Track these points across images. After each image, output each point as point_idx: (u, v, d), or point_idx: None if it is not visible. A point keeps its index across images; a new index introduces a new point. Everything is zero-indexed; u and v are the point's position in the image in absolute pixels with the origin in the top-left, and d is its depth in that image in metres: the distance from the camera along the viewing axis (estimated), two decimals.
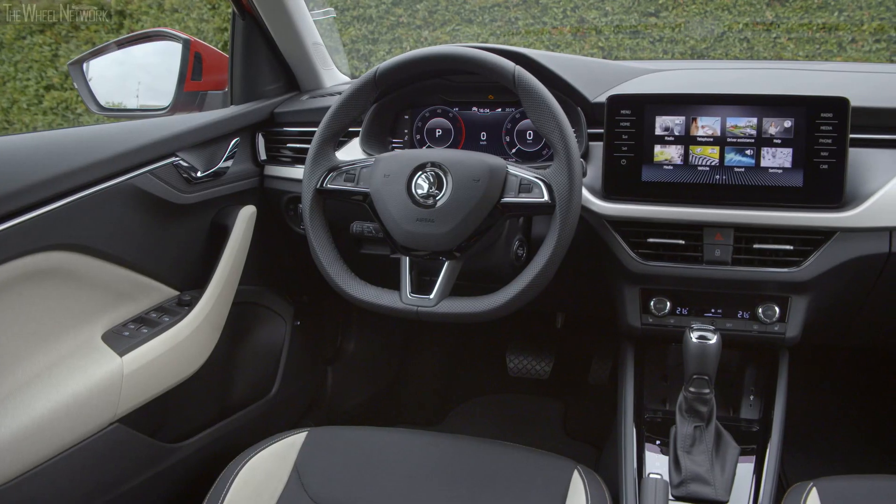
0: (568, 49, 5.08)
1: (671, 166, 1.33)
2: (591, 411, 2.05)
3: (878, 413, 2.01)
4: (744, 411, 1.39)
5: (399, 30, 5.24)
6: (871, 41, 4.49)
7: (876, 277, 1.33)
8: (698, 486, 1.21)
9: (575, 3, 4.98)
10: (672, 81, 1.50)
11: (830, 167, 1.27)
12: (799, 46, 4.57)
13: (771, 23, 4.67)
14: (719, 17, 4.74)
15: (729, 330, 1.36)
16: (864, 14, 4.42)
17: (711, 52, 4.61)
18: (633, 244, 1.36)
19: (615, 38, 5.04)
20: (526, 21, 5.17)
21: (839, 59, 4.47)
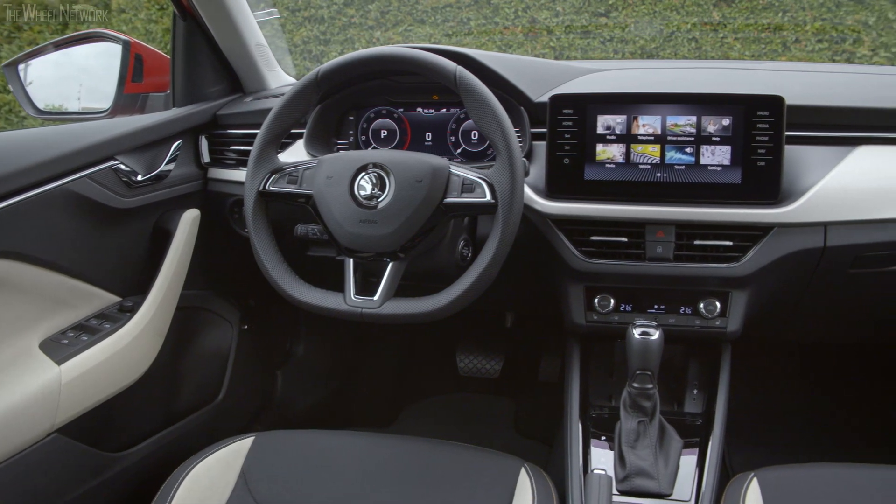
0: (520, 49, 5.10)
1: (613, 165, 1.35)
2: (542, 409, 2.06)
3: (820, 404, 2.06)
4: (688, 405, 1.42)
5: (351, 30, 5.22)
6: (813, 41, 4.58)
7: (812, 271, 1.36)
8: (642, 481, 1.22)
9: (526, 4, 5.00)
10: (614, 81, 1.52)
11: (767, 164, 1.30)
12: (745, 46, 4.65)
13: (718, 23, 4.74)
14: (668, 18, 4.79)
15: (672, 325, 1.38)
16: (807, 15, 4.50)
17: (661, 52, 4.66)
18: (576, 242, 1.37)
19: (566, 39, 5.06)
20: (478, 21, 5.18)
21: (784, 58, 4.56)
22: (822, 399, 2.08)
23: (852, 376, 2.11)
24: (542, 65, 1.55)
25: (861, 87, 1.51)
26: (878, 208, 1.31)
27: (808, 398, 2.09)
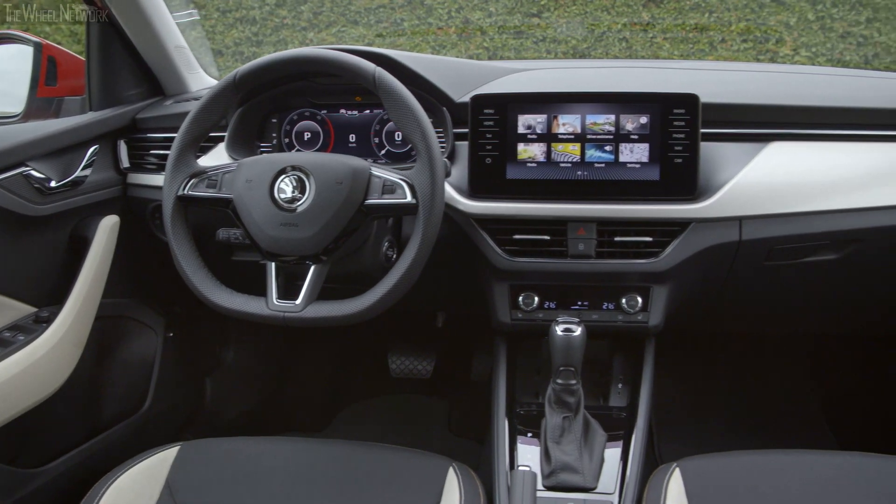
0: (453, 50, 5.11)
1: (535, 164, 1.36)
2: (474, 407, 2.07)
3: (746, 393, 2.12)
4: (612, 399, 1.44)
5: (284, 31, 5.16)
6: (738, 41, 4.70)
7: (730, 265, 1.40)
8: (568, 475, 1.24)
9: (459, 4, 5.01)
10: (536, 81, 1.53)
11: (684, 161, 1.33)
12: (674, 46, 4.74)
13: (647, 23, 4.82)
14: (598, 18, 4.86)
15: (595, 321, 1.40)
16: (732, 16, 4.61)
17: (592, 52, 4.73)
18: (499, 241, 1.38)
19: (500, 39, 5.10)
20: (411, 22, 5.17)
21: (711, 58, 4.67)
22: (747, 388, 2.14)
23: (775, 365, 2.17)
24: (465, 65, 1.55)
25: (774, 85, 1.56)
26: (789, 202, 1.36)
27: (734, 388, 2.14)
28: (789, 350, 2.16)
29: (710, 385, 2.15)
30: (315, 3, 5.00)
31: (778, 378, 2.16)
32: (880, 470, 1.20)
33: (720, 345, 2.16)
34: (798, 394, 2.12)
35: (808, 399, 2.10)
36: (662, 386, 2.05)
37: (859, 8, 4.45)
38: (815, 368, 2.16)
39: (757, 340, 2.10)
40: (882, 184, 1.38)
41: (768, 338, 2.07)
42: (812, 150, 1.40)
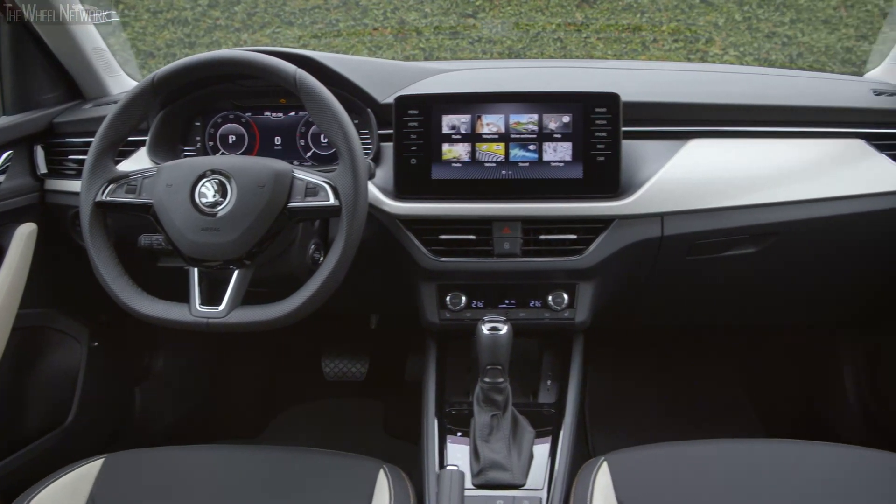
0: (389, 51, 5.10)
1: (459, 164, 1.37)
2: (409, 408, 2.07)
3: (678, 386, 2.16)
4: (542, 396, 1.45)
5: (217, 33, 5.07)
6: (670, 41, 4.78)
7: (653, 260, 1.42)
8: (496, 473, 1.24)
9: (395, 5, 5.00)
10: (461, 81, 1.54)
11: (607, 159, 1.35)
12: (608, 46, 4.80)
13: (581, 24, 4.87)
14: (533, 19, 4.90)
15: (522, 319, 1.41)
16: (663, 16, 4.70)
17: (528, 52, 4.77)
18: (425, 242, 1.38)
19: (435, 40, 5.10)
20: (347, 23, 5.14)
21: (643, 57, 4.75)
22: (679, 380, 2.19)
23: (705, 357, 2.22)
24: (389, 66, 1.55)
25: (694, 83, 1.59)
26: (709, 198, 1.39)
27: (666, 380, 2.19)
28: (718, 341, 2.21)
29: (642, 378, 2.19)
30: (249, 4, 4.93)
31: (708, 369, 2.21)
32: (802, 456, 1.23)
33: (652, 338, 2.20)
34: (728, 384, 2.18)
35: (736, 389, 2.16)
36: (596, 381, 2.08)
37: (783, 9, 4.58)
38: (742, 359, 2.21)
39: (687, 333, 2.15)
40: (796, 179, 1.42)
41: (697, 330, 2.11)
42: (730, 147, 1.43)
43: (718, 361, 2.22)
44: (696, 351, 2.23)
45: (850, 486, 1.16)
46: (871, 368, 1.84)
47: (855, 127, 1.45)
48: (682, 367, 2.21)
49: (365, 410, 2.12)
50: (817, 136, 1.45)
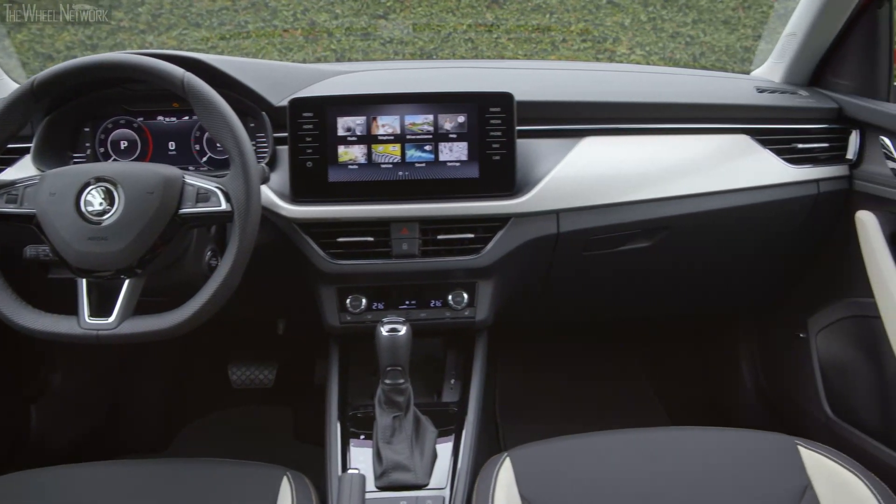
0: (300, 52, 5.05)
1: (356, 166, 1.36)
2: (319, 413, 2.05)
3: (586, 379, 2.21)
4: (446, 395, 1.46)
5: (121, 34, 4.92)
6: (578, 41, 4.87)
7: (550, 257, 1.45)
8: (399, 474, 1.24)
9: (305, 6, 4.95)
10: (357, 83, 1.53)
11: (502, 158, 1.36)
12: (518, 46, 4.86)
13: (492, 24, 4.91)
14: (444, 20, 4.91)
15: (423, 320, 1.42)
16: (572, 16, 4.78)
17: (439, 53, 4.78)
18: (323, 245, 1.37)
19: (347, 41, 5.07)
20: (256, 24, 5.06)
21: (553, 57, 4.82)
22: (587, 374, 2.23)
23: (610, 350, 2.27)
24: (283, 68, 1.53)
25: (587, 83, 1.63)
26: (602, 194, 1.42)
27: (575, 374, 2.23)
28: (622, 334, 2.26)
29: (553, 373, 2.23)
30: (153, 4, 4.80)
31: (615, 361, 2.26)
32: (698, 441, 1.27)
33: (561, 332, 2.23)
34: (633, 375, 2.23)
35: (642, 379, 2.22)
36: (507, 377, 2.11)
37: (686, 10, 4.72)
38: (645, 350, 2.27)
39: (594, 325, 2.19)
40: (686, 174, 1.47)
41: (602, 323, 2.16)
42: (623, 144, 1.47)
43: (624, 353, 2.28)
44: (604, 343, 2.28)
45: (742, 467, 1.21)
46: (765, 355, 1.91)
47: (739, 123, 1.51)
48: (591, 359, 2.26)
49: (275, 417, 2.09)
50: (705, 133, 1.50)
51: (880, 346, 1.42)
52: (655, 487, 1.18)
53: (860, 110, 1.52)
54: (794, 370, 1.75)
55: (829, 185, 1.54)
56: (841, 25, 1.54)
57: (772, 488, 1.18)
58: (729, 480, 1.19)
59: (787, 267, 1.70)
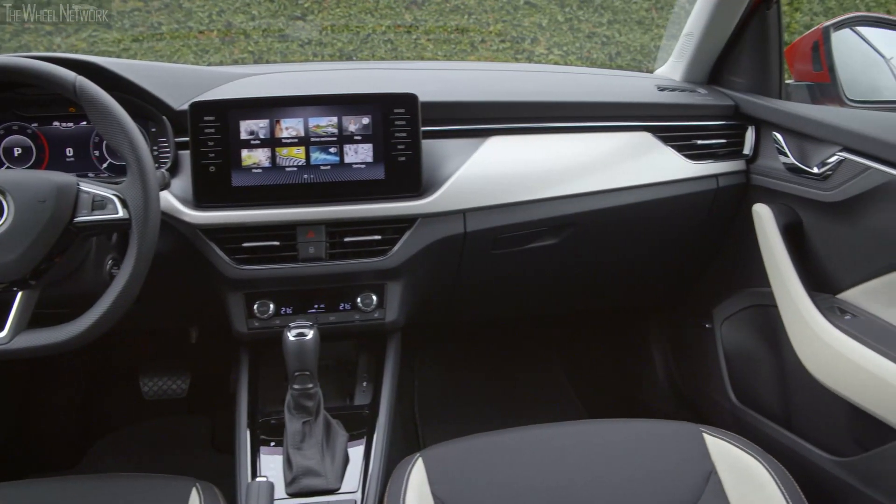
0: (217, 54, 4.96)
1: (260, 169, 1.34)
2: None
3: (504, 376, 2.23)
4: (358, 398, 1.45)
5: (26, 36, 4.74)
6: (497, 41, 4.92)
7: (459, 256, 1.46)
8: (310, 480, 1.23)
9: (221, 7, 4.86)
10: (261, 85, 1.51)
11: (407, 159, 1.37)
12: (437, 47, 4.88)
13: (411, 25, 4.91)
14: (363, 21, 4.90)
15: (332, 323, 1.41)
16: (490, 17, 4.82)
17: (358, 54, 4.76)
18: (228, 251, 1.35)
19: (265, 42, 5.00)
20: (170, 26, 4.95)
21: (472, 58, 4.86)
22: (505, 371, 2.25)
23: (527, 346, 2.30)
24: (184, 71, 1.50)
25: (493, 82, 1.65)
26: (509, 193, 1.44)
27: (493, 372, 2.25)
28: (538, 330, 2.30)
29: (472, 371, 2.24)
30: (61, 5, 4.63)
31: (533, 357, 2.29)
32: (607, 433, 1.30)
33: (479, 330, 2.25)
34: (551, 371, 2.27)
35: (558, 375, 2.25)
36: (426, 377, 2.11)
37: (601, 10, 4.82)
38: (562, 345, 2.31)
39: (510, 324, 2.22)
40: (590, 171, 1.50)
41: (519, 320, 2.19)
42: (528, 143, 1.49)
43: (542, 349, 2.31)
44: (522, 340, 2.30)
45: (649, 456, 1.24)
46: (675, 346, 1.97)
47: (641, 121, 1.55)
48: (510, 356, 2.28)
49: (190, 427, 2.05)
50: (608, 131, 1.54)
51: (778, 333, 1.47)
52: (565, 480, 1.20)
53: (754, 107, 1.57)
54: (702, 360, 1.80)
55: (727, 180, 1.59)
56: (734, 26, 1.60)
57: (678, 475, 1.21)
58: (637, 470, 1.22)
59: (691, 260, 1.75)
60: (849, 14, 1.62)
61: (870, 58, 1.69)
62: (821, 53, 1.57)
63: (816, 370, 1.34)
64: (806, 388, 1.43)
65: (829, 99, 1.59)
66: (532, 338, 2.31)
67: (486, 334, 2.25)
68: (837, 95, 1.58)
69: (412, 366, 2.16)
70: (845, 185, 1.34)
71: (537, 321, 2.23)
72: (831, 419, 1.38)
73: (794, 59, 1.65)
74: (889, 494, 1.23)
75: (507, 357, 2.28)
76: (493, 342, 2.27)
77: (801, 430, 1.48)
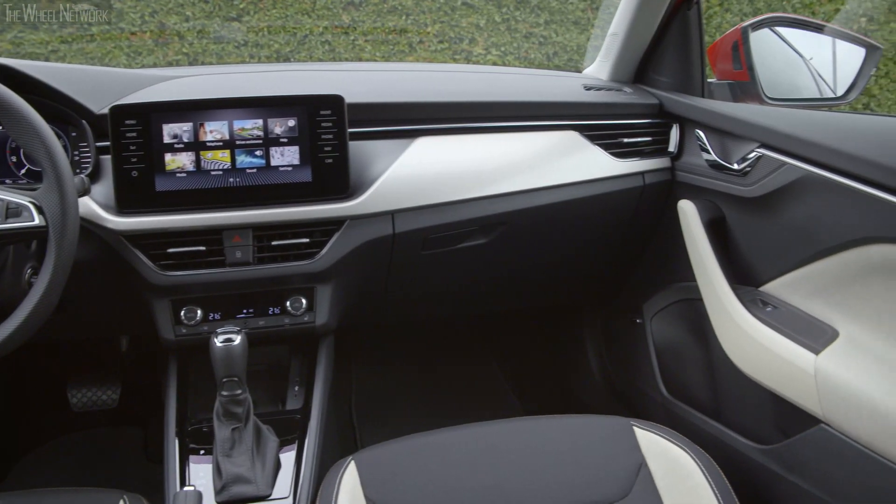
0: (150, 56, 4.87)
1: (184, 174, 1.32)
2: None
3: (442, 376, 2.24)
4: (290, 403, 1.44)
5: None
6: (435, 42, 4.92)
7: (389, 258, 1.46)
8: (240, 487, 1.21)
9: (153, 8, 4.77)
10: (185, 88, 1.49)
11: (335, 161, 1.36)
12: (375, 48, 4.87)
13: (348, 26, 4.88)
14: (300, 22, 4.86)
15: (262, 327, 1.39)
16: (428, 17, 4.82)
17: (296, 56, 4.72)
18: (153, 257, 1.33)
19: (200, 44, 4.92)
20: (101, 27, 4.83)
21: (411, 58, 4.86)
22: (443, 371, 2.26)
23: (465, 345, 2.31)
24: (107, 74, 1.47)
25: (421, 83, 1.65)
26: (437, 193, 1.44)
27: (431, 372, 2.25)
28: (475, 328, 2.31)
29: (409, 373, 2.24)
30: None
31: (470, 356, 2.30)
32: (540, 430, 1.31)
33: (415, 332, 2.25)
34: (487, 368, 2.28)
35: (495, 372, 2.27)
36: (363, 379, 2.10)
37: (538, 11, 4.86)
38: (497, 343, 2.33)
39: (447, 323, 2.22)
40: (519, 171, 1.51)
41: (455, 319, 2.20)
42: (457, 143, 1.50)
43: (479, 347, 2.33)
44: (460, 339, 2.31)
45: (582, 451, 1.26)
46: (608, 341, 2.00)
47: (568, 120, 1.57)
48: (447, 356, 2.29)
49: (122, 438, 2.00)
50: (535, 130, 1.55)
51: (705, 327, 1.51)
52: (498, 478, 1.21)
53: (677, 106, 1.61)
54: (633, 354, 1.83)
55: (653, 177, 1.62)
56: (656, 26, 1.63)
57: (609, 469, 1.23)
58: (569, 465, 1.24)
59: (621, 256, 1.78)
60: (766, 14, 1.67)
61: (788, 57, 1.74)
62: (740, 53, 1.61)
63: (740, 361, 1.37)
64: (731, 380, 1.47)
65: (750, 97, 1.63)
66: (469, 336, 2.32)
67: (423, 334, 2.25)
68: (757, 94, 1.62)
69: (349, 368, 2.15)
70: (763, 181, 1.37)
71: (474, 319, 2.24)
72: (756, 409, 1.42)
73: (715, 58, 1.68)
74: (808, 479, 1.27)
75: (445, 356, 2.29)
76: (431, 342, 2.28)
77: (728, 420, 1.51)
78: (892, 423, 1.11)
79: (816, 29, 1.71)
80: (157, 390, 2.00)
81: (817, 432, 1.23)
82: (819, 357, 1.22)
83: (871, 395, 1.14)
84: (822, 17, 5.48)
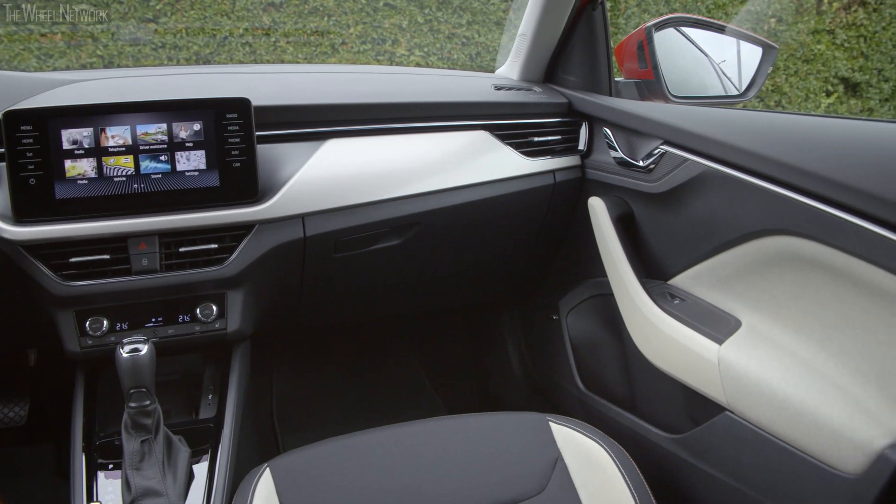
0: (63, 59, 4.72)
1: (86, 180, 1.28)
2: None
3: (365, 378, 2.23)
4: (203, 412, 1.41)
5: None
6: (358, 43, 4.91)
7: (301, 261, 1.44)
8: (151, 500, 1.18)
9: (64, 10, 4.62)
10: (87, 92, 1.45)
11: (242, 164, 1.34)
12: (298, 49, 4.82)
13: (269, 28, 4.83)
14: (219, 23, 4.78)
15: (171, 336, 1.36)
16: (350, 19, 4.80)
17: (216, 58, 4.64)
18: (54, 267, 1.28)
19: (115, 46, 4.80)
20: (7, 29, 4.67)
21: (333, 60, 4.83)
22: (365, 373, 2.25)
23: (387, 347, 2.31)
24: (3, 78, 1.42)
25: (330, 85, 1.64)
26: (348, 195, 1.44)
27: (353, 375, 2.24)
28: (396, 329, 2.31)
29: (331, 376, 2.23)
30: None
31: (391, 357, 2.30)
32: (458, 429, 1.32)
33: (336, 335, 2.24)
34: (409, 369, 2.28)
35: (417, 372, 2.27)
36: (284, 385, 2.08)
37: (460, 12, 4.89)
38: (419, 343, 2.33)
39: (367, 325, 2.22)
40: (432, 171, 1.52)
41: (376, 321, 2.19)
42: (368, 145, 1.49)
43: (400, 347, 2.33)
44: (380, 340, 2.31)
45: (499, 447, 1.28)
46: (528, 339, 2.03)
47: (478, 120, 1.59)
48: (369, 357, 2.28)
49: (32, 456, 1.93)
50: (446, 130, 1.56)
51: (617, 321, 1.54)
52: (415, 480, 1.21)
53: (585, 104, 1.64)
54: (551, 351, 1.86)
55: (563, 175, 1.65)
56: (563, 26, 1.66)
57: (527, 464, 1.25)
58: (486, 462, 1.25)
59: (536, 254, 1.80)
60: (669, 15, 1.72)
61: (693, 56, 1.80)
62: (645, 52, 1.65)
63: (650, 353, 1.41)
64: (643, 372, 1.50)
65: (655, 95, 1.67)
66: (390, 337, 2.32)
67: (344, 337, 2.24)
68: (662, 92, 1.66)
69: (270, 374, 2.12)
70: (668, 177, 1.41)
71: (394, 320, 2.24)
72: (667, 400, 1.46)
73: (622, 57, 1.73)
74: (716, 465, 1.31)
75: (367, 358, 2.28)
76: (352, 344, 2.27)
77: (641, 411, 1.55)
78: (789, 407, 1.15)
79: (718, 29, 1.77)
80: (68, 404, 1.94)
81: (722, 419, 1.28)
82: (722, 347, 1.26)
83: (770, 382, 1.18)
84: (734, 17, 5.66)
